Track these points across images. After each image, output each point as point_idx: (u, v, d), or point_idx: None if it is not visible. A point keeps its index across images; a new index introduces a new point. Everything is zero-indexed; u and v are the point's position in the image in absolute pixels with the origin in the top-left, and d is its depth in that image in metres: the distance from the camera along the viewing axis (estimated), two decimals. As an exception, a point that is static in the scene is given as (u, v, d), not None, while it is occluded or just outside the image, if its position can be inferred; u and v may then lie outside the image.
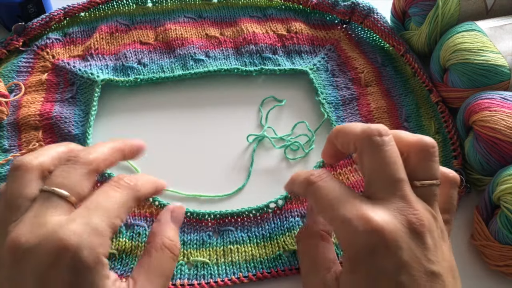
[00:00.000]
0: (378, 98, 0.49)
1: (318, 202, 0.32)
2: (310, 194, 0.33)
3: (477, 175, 0.43)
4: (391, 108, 0.48)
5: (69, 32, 0.51)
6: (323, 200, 0.31)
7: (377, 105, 0.48)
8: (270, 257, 0.40)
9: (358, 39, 0.53)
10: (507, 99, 0.41)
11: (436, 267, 0.30)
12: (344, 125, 0.34)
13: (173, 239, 0.34)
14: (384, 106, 0.48)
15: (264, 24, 0.53)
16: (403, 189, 0.30)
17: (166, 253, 0.33)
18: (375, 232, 0.29)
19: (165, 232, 0.34)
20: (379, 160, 0.31)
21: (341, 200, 0.30)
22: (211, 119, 0.48)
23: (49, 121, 0.44)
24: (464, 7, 0.47)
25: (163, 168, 0.44)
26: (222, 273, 0.39)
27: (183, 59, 0.50)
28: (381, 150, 0.31)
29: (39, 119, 0.44)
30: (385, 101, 0.48)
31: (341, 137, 0.34)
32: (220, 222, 0.41)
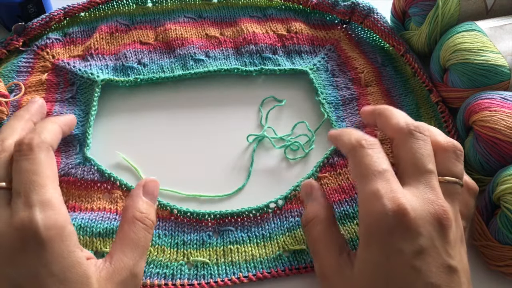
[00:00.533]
0: (378, 98, 0.49)
1: (358, 167, 0.34)
2: (355, 157, 0.34)
3: (477, 175, 0.43)
4: None
5: (69, 32, 0.51)
6: (365, 168, 0.33)
7: (376, 103, 0.48)
8: (270, 257, 0.40)
9: (358, 39, 0.53)
10: (507, 99, 0.41)
11: (454, 262, 0.31)
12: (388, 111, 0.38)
13: (144, 211, 0.35)
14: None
15: (264, 24, 0.53)
16: (432, 179, 0.33)
17: (137, 225, 0.34)
18: (401, 214, 0.30)
19: (135, 205, 0.35)
20: (415, 151, 0.34)
21: (380, 175, 0.32)
22: (211, 119, 0.48)
23: None
24: (464, 7, 0.47)
25: (163, 168, 0.44)
26: (222, 273, 0.39)
27: (183, 59, 0.50)
28: (418, 144, 0.34)
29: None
30: (385, 101, 0.48)
31: (383, 121, 0.38)
32: (220, 222, 0.41)
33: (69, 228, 0.31)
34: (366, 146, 0.34)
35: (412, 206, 0.31)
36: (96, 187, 0.42)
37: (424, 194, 0.32)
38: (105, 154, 0.45)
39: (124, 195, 0.42)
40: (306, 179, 0.43)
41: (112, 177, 0.43)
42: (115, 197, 0.42)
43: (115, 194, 0.42)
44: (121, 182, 0.42)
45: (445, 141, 0.35)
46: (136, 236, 0.34)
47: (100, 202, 0.41)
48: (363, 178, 0.33)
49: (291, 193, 0.43)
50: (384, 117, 0.37)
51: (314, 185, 0.38)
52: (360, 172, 0.33)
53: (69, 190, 0.42)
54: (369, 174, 0.33)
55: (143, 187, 0.36)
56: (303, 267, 0.39)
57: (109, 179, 0.42)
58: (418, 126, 0.35)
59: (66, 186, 0.42)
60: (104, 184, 0.42)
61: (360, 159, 0.34)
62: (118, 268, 0.32)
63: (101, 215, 0.40)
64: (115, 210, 0.41)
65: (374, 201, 0.31)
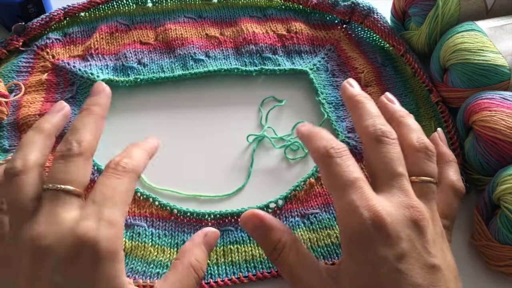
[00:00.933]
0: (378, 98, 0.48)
1: (330, 179, 0.33)
2: (325, 168, 0.34)
3: (477, 175, 0.43)
4: None
5: (69, 32, 0.51)
6: (336, 179, 0.32)
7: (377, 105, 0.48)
8: None
9: (358, 39, 0.53)
10: (507, 99, 0.41)
11: (436, 260, 0.31)
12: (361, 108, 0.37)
13: (200, 261, 0.34)
14: None
15: (264, 24, 0.53)
16: (403, 182, 0.33)
17: (191, 272, 0.34)
18: (378, 221, 0.30)
19: (195, 252, 0.35)
20: (383, 156, 0.34)
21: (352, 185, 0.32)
22: (211, 119, 0.48)
23: None
24: (464, 7, 0.47)
25: (163, 168, 0.44)
26: (222, 273, 0.39)
27: (183, 59, 0.50)
28: (386, 148, 0.34)
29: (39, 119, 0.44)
30: None
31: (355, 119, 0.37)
32: (220, 222, 0.41)
33: (122, 253, 0.30)
34: (334, 155, 0.33)
35: (388, 212, 0.31)
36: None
37: (398, 198, 0.32)
38: (105, 154, 0.44)
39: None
40: (307, 178, 0.44)
41: (112, 177, 0.42)
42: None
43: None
44: (121, 182, 0.42)
45: (417, 142, 0.35)
46: (187, 284, 0.33)
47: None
48: (336, 189, 0.33)
49: (291, 193, 0.43)
50: (357, 116, 0.37)
51: (261, 214, 0.35)
52: (332, 184, 0.33)
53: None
54: (341, 185, 0.32)
55: (204, 235, 0.36)
56: None
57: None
58: (384, 131, 0.34)
59: (66, 186, 0.42)
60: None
61: (329, 170, 0.33)
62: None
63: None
64: None
65: (351, 212, 0.31)
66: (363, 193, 0.32)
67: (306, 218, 0.42)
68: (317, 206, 0.42)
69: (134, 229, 0.40)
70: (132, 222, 0.41)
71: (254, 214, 0.35)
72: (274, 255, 0.34)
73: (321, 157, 0.34)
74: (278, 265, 0.34)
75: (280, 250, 0.34)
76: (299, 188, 0.43)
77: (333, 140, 0.35)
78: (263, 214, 0.35)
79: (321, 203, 0.43)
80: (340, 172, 0.32)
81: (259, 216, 0.35)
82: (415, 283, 0.30)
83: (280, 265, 0.34)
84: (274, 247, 0.34)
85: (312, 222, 0.41)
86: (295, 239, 0.35)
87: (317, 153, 0.34)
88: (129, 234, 0.40)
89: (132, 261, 0.39)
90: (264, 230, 0.35)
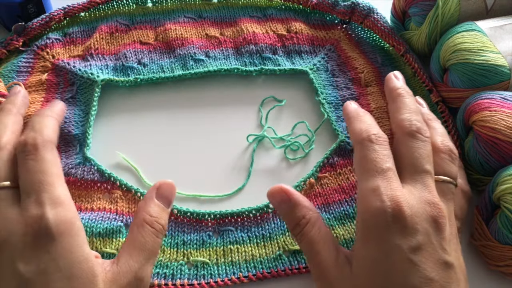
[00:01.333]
0: (378, 98, 0.49)
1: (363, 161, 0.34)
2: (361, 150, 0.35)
3: (477, 175, 0.43)
4: None
5: (69, 32, 0.51)
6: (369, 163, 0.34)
7: (377, 105, 0.48)
8: (270, 257, 0.40)
9: (358, 39, 0.53)
10: (507, 99, 0.41)
11: (450, 258, 0.32)
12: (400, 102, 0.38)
13: (154, 215, 0.35)
14: (384, 106, 0.48)
15: (264, 24, 0.53)
16: (428, 179, 0.34)
17: (146, 228, 0.34)
18: (398, 211, 0.31)
19: (146, 207, 0.35)
20: (414, 151, 0.35)
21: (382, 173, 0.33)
22: (211, 119, 0.48)
23: None
24: (464, 7, 0.47)
25: (163, 168, 0.44)
26: (222, 273, 0.39)
27: (183, 59, 0.50)
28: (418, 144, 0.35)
29: None
30: (385, 101, 0.48)
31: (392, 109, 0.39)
32: (220, 222, 0.41)
33: (78, 224, 0.32)
34: (374, 141, 0.35)
35: (409, 204, 0.32)
36: (96, 187, 0.42)
37: (421, 192, 0.33)
38: (105, 154, 0.45)
39: (124, 195, 0.42)
40: (306, 179, 0.44)
41: (112, 177, 0.43)
42: (115, 197, 0.42)
43: (115, 194, 0.42)
44: (121, 182, 0.42)
45: (441, 143, 0.37)
46: (143, 240, 0.34)
47: (100, 202, 0.41)
48: (365, 173, 0.34)
49: (291, 193, 0.43)
50: (395, 108, 0.38)
51: (289, 190, 0.36)
52: (364, 167, 0.34)
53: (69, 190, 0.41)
54: (371, 170, 0.34)
55: (157, 189, 0.36)
56: (303, 267, 0.39)
57: (109, 179, 0.42)
58: (420, 128, 0.36)
59: (66, 186, 0.42)
60: (104, 184, 0.42)
61: (366, 153, 0.34)
62: (123, 270, 0.32)
63: (101, 215, 0.40)
64: (115, 210, 0.41)
65: (374, 197, 0.32)
66: (390, 183, 0.33)
67: None
68: (317, 206, 0.42)
69: None
70: (132, 222, 0.41)
71: (282, 189, 0.36)
72: (297, 229, 0.35)
73: (361, 139, 0.35)
74: (299, 239, 0.35)
75: (304, 225, 0.35)
76: (299, 188, 0.43)
77: (376, 126, 0.36)
78: (291, 189, 0.36)
79: (321, 203, 0.43)
80: (375, 158, 0.34)
81: (287, 191, 0.36)
82: (426, 276, 0.31)
83: (301, 239, 0.35)
84: (298, 222, 0.35)
85: None
86: (318, 217, 0.35)
87: (357, 135, 0.36)
88: (129, 234, 0.40)
89: None
90: (290, 205, 0.35)
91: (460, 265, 0.33)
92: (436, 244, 0.32)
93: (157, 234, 0.34)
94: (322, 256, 0.34)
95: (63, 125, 0.44)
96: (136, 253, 0.33)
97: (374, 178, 0.33)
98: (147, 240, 0.34)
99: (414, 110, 0.38)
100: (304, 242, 0.35)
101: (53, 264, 0.30)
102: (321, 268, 0.34)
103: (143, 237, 0.34)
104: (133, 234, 0.34)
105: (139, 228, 0.34)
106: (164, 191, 0.36)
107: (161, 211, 0.35)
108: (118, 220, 0.40)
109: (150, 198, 0.36)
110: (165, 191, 0.36)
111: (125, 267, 0.32)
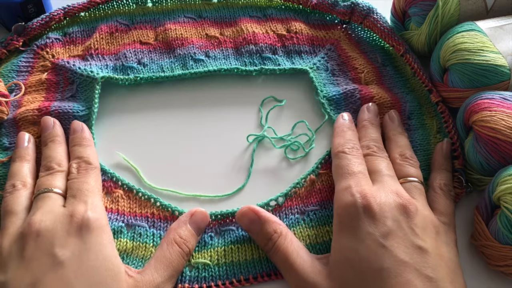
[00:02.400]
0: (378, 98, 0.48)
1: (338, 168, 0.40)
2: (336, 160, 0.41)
3: (477, 175, 0.43)
4: (395, 103, 0.48)
5: (69, 32, 0.51)
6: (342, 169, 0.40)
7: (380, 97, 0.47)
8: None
9: (358, 39, 0.53)
10: (507, 99, 0.41)
11: (423, 243, 0.35)
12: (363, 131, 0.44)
13: (183, 237, 0.38)
14: (388, 101, 0.47)
15: (264, 24, 0.53)
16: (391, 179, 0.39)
17: (175, 248, 0.37)
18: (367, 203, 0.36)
19: (179, 230, 0.38)
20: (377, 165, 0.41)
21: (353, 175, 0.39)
22: (211, 119, 0.48)
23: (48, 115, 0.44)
24: (464, 7, 0.47)
25: (163, 168, 0.44)
26: (223, 274, 0.39)
27: (183, 59, 0.50)
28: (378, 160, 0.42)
29: (37, 114, 0.44)
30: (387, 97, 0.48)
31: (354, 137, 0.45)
32: (221, 222, 0.41)
33: (109, 228, 0.37)
34: (347, 152, 0.41)
35: (377, 195, 0.36)
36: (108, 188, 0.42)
37: (388, 187, 0.38)
38: (105, 154, 0.45)
39: (125, 195, 0.42)
40: (308, 175, 0.44)
41: (114, 177, 0.43)
42: (116, 197, 0.42)
43: (116, 193, 0.42)
44: (123, 181, 0.42)
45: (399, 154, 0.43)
46: (171, 257, 0.37)
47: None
48: (339, 177, 0.39)
49: (291, 190, 0.43)
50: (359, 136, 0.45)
51: (256, 209, 0.39)
52: (338, 172, 0.40)
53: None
54: (344, 173, 0.39)
55: (191, 215, 0.39)
56: None
57: (110, 179, 0.43)
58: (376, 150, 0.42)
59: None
60: (105, 183, 0.42)
61: (339, 162, 0.41)
62: (146, 280, 0.35)
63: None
64: (116, 210, 0.41)
65: (346, 194, 0.37)
66: (359, 182, 0.38)
67: (306, 215, 0.42)
68: (317, 203, 0.42)
69: (136, 230, 0.40)
70: (133, 222, 0.41)
71: (250, 208, 0.39)
72: (269, 245, 0.38)
73: (336, 152, 0.42)
74: (273, 253, 0.38)
75: (276, 239, 0.37)
76: (299, 185, 0.43)
77: (351, 141, 0.42)
78: (258, 208, 0.39)
79: (320, 200, 0.43)
80: (347, 164, 0.40)
81: (254, 210, 0.39)
82: (399, 259, 0.33)
83: (275, 253, 0.37)
84: (270, 237, 0.38)
85: (312, 219, 0.42)
86: (288, 230, 0.39)
87: (334, 148, 0.42)
88: (131, 235, 0.40)
89: (133, 261, 0.39)
90: (260, 222, 0.38)
91: (441, 254, 0.35)
92: (406, 230, 0.35)
93: (183, 255, 0.37)
94: (297, 265, 0.36)
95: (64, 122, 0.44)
96: (162, 268, 0.36)
97: (346, 179, 0.38)
98: (174, 259, 0.37)
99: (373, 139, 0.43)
100: (278, 255, 0.37)
101: (86, 252, 0.34)
102: (298, 277, 0.36)
103: (171, 255, 0.37)
104: (163, 251, 0.37)
105: (168, 246, 0.37)
106: (197, 218, 0.39)
107: (190, 235, 0.39)
108: (119, 221, 0.40)
109: (184, 222, 0.39)
110: (198, 218, 0.39)
111: (148, 278, 0.35)
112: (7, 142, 0.43)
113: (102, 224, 0.36)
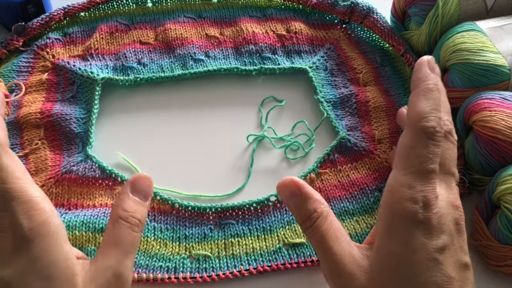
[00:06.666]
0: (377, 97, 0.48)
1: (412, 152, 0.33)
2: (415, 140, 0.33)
3: (477, 175, 0.43)
4: (390, 107, 0.48)
5: (69, 32, 0.51)
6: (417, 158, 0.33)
7: (375, 105, 0.48)
8: (270, 250, 0.40)
9: (357, 39, 0.53)
10: (507, 99, 0.41)
11: (468, 260, 0.33)
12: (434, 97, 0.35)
13: (128, 209, 0.34)
14: (383, 106, 0.48)
15: (263, 24, 0.53)
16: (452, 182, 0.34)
17: (121, 223, 0.33)
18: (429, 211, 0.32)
19: (120, 203, 0.34)
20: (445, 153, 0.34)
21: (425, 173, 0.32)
22: (211, 119, 0.48)
23: (50, 118, 0.44)
24: (464, 7, 0.47)
25: (163, 168, 0.44)
26: (224, 266, 0.39)
27: (183, 59, 0.50)
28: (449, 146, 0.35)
29: (40, 117, 0.44)
30: (384, 100, 0.48)
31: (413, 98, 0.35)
32: (221, 215, 0.41)
33: (54, 222, 0.31)
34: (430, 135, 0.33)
35: (439, 206, 0.32)
36: (98, 184, 0.42)
37: (447, 194, 0.33)
38: (105, 154, 0.45)
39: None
40: (307, 174, 0.44)
41: (114, 174, 0.43)
42: (117, 193, 0.42)
43: (117, 190, 0.42)
44: (122, 178, 0.43)
45: None
46: (119, 235, 0.33)
47: (102, 199, 0.42)
48: (407, 165, 0.33)
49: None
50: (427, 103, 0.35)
51: (300, 182, 0.35)
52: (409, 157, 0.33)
53: (71, 187, 0.42)
54: (415, 165, 0.33)
55: (131, 184, 0.35)
56: (302, 261, 0.39)
57: (110, 176, 0.43)
58: (451, 130, 0.35)
59: (68, 183, 0.42)
60: (106, 180, 0.42)
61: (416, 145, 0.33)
62: (100, 268, 0.32)
63: (103, 211, 0.40)
64: None
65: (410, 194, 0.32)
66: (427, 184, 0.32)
67: None
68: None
69: None
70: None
71: (293, 181, 0.35)
72: (307, 223, 0.34)
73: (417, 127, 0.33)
74: (310, 233, 0.34)
75: (315, 219, 0.34)
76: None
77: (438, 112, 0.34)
78: (302, 182, 0.35)
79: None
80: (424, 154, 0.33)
81: (298, 183, 0.35)
82: (448, 275, 0.31)
83: (312, 234, 0.34)
84: (309, 216, 0.34)
85: None
86: (330, 211, 0.35)
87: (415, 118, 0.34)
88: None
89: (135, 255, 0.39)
90: (301, 198, 0.34)
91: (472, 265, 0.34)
92: (457, 246, 0.33)
93: (133, 228, 0.34)
94: (334, 250, 0.33)
95: (65, 123, 0.44)
96: (113, 249, 0.33)
97: (414, 176, 0.32)
98: (123, 235, 0.33)
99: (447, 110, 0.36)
100: (315, 237, 0.34)
101: (31, 265, 0.30)
102: (333, 264, 0.33)
103: (119, 233, 0.33)
104: (108, 231, 0.34)
105: (114, 224, 0.34)
106: (139, 185, 0.35)
107: (136, 205, 0.35)
108: None
109: (125, 194, 0.35)
110: (140, 185, 0.36)
111: (102, 265, 0.32)
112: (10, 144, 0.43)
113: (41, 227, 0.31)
